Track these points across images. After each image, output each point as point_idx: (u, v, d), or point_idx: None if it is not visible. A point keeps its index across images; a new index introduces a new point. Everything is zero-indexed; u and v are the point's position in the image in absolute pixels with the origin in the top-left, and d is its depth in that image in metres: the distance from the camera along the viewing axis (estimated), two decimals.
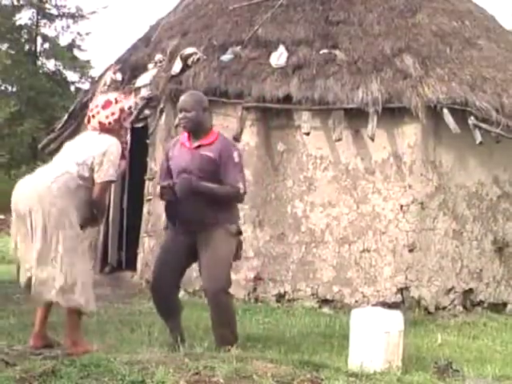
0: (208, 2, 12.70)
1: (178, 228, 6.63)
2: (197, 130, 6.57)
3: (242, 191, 6.54)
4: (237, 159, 6.54)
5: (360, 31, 11.26)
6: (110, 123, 6.13)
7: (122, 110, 6.21)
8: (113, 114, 6.15)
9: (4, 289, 10.82)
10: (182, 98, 6.73)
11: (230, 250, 6.56)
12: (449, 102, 10.16)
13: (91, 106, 6.37)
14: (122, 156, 6.23)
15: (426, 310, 10.03)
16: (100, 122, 6.13)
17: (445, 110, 10.06)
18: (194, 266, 6.68)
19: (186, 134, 6.67)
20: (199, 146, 6.53)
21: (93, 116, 6.18)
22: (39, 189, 5.77)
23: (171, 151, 6.75)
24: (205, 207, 6.41)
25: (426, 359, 6.79)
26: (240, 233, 6.72)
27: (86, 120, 6.35)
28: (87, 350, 5.74)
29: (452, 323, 9.63)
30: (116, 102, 6.23)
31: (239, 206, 9.42)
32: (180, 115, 6.67)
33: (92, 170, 5.90)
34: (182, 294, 9.27)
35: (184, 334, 6.64)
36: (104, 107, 6.17)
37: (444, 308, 10.23)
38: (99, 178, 5.91)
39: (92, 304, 5.89)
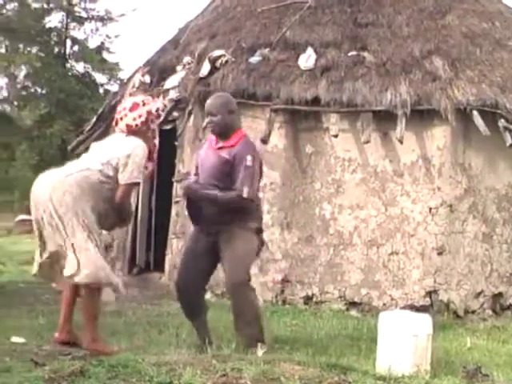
0: (236, 4, 12.72)
1: (200, 229, 6.66)
2: (224, 132, 6.58)
3: (245, 195, 6.40)
4: (249, 163, 6.44)
5: (389, 33, 11.22)
6: (136, 125, 6.14)
7: (149, 113, 6.23)
8: (140, 116, 6.17)
9: (33, 289, 10.89)
10: (208, 101, 6.74)
11: (249, 247, 6.57)
12: (479, 104, 10.09)
13: (119, 108, 6.39)
14: (150, 158, 6.25)
15: (454, 314, 9.97)
16: (127, 125, 6.14)
17: (474, 112, 9.99)
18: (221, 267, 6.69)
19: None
20: (221, 148, 6.56)
21: (120, 118, 6.20)
22: (56, 180, 5.79)
23: (202, 150, 6.82)
24: (224, 208, 6.45)
25: (454, 363, 6.74)
26: (260, 231, 6.70)
27: (113, 123, 6.38)
28: (106, 350, 5.69)
29: (481, 327, 9.56)
30: (143, 104, 6.25)
31: (268, 208, 9.43)
32: (207, 119, 6.69)
33: (116, 170, 5.90)
34: (209, 295, 9.32)
35: (211, 336, 6.65)
36: (131, 109, 6.20)
37: (473, 312, 10.16)
38: (123, 179, 5.91)
39: (111, 278, 5.85)
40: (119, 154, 5.95)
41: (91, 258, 5.67)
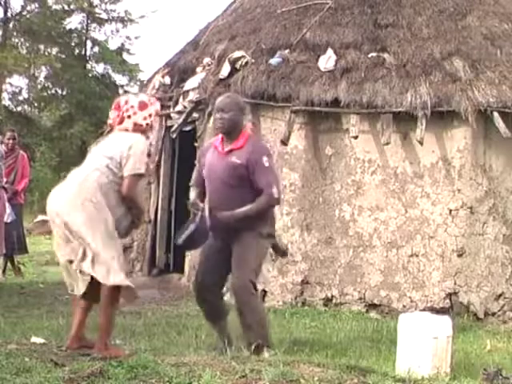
0: (256, 5, 12.71)
1: (214, 234, 6.66)
2: (232, 131, 6.58)
3: (275, 196, 6.52)
4: (266, 164, 6.50)
5: (409, 34, 11.17)
6: (147, 124, 6.05)
7: (156, 112, 6.19)
8: (150, 115, 6.05)
9: (53, 290, 10.94)
10: (220, 98, 6.80)
11: (257, 253, 6.60)
12: (499, 106, 10.04)
13: (124, 106, 6.10)
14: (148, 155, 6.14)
15: (474, 316, 9.92)
16: (135, 123, 6.00)
17: (495, 114, 9.94)
18: None
19: (219, 137, 6.70)
20: (230, 151, 6.55)
21: (128, 116, 6.02)
22: (73, 190, 5.76)
23: (204, 156, 6.79)
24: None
25: (474, 366, 6.72)
26: (271, 235, 6.71)
27: (113, 121, 6.12)
28: (118, 355, 5.56)
29: (502, 329, 9.51)
30: (151, 103, 6.17)
31: (288, 210, 9.39)
32: (217, 115, 6.68)
33: (120, 165, 5.81)
34: (227, 297, 9.31)
35: (231, 337, 6.65)
36: (141, 108, 6.04)
37: (493, 314, 10.10)
38: (126, 171, 5.80)
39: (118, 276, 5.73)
40: (122, 148, 5.85)
41: (113, 261, 5.66)
